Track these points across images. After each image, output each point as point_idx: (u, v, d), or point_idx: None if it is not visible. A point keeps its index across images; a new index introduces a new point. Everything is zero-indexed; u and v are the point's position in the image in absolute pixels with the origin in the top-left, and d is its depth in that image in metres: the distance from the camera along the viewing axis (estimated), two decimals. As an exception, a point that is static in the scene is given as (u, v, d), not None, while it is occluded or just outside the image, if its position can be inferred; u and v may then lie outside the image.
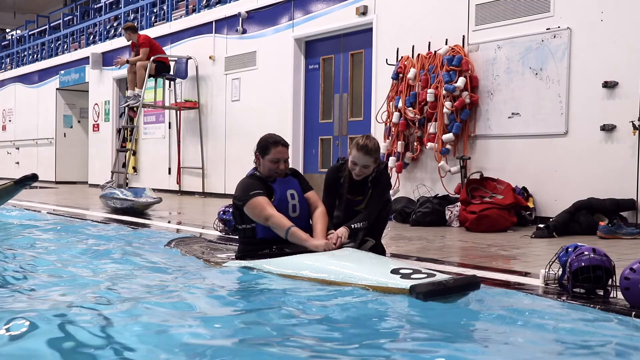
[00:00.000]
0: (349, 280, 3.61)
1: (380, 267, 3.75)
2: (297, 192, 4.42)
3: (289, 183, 4.43)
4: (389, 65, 8.83)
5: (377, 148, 4.45)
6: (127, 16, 16.01)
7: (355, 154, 4.39)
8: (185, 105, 12.85)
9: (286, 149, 4.44)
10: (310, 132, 10.65)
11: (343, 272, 3.71)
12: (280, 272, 3.97)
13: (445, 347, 2.55)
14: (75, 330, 2.74)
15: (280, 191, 4.34)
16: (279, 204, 4.29)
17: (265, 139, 4.45)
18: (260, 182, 4.35)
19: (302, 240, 4.14)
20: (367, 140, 4.41)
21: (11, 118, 20.79)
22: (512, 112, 7.59)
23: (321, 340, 2.67)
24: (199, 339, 2.66)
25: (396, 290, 3.38)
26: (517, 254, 5.27)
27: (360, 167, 4.40)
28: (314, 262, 3.93)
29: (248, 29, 11.67)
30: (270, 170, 4.37)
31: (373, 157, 4.40)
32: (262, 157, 4.39)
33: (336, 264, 3.85)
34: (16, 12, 26.12)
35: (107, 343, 2.61)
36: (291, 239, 4.17)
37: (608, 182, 6.69)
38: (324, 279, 3.74)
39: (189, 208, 10.16)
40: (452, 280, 3.41)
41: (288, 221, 4.20)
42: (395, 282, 3.44)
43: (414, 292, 3.29)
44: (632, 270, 3.16)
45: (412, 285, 3.32)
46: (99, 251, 5.22)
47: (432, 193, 8.10)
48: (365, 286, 3.51)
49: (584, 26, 6.96)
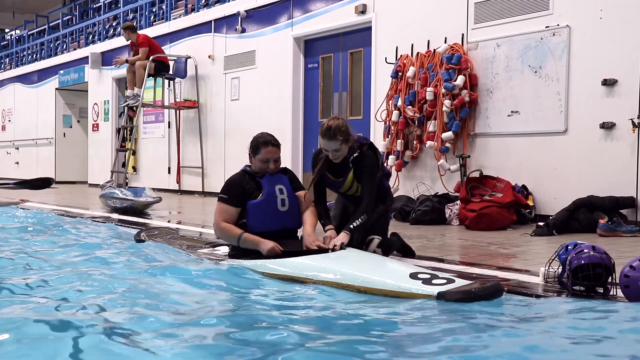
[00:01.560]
0: (369, 285, 3.55)
1: (396, 271, 3.70)
2: (286, 187, 4.46)
3: (277, 179, 4.47)
4: (388, 64, 8.83)
5: (340, 128, 4.30)
6: (126, 16, 16.01)
7: (321, 140, 4.37)
8: (184, 105, 12.85)
9: (276, 149, 4.48)
10: (310, 131, 10.64)
11: (361, 276, 3.64)
12: (287, 274, 3.91)
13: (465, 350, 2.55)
14: (75, 332, 2.73)
15: (268, 186, 4.40)
16: (267, 198, 4.35)
17: (257, 138, 4.51)
18: (249, 178, 4.43)
19: (255, 244, 4.22)
20: (329, 122, 4.33)
21: (11, 118, 20.78)
22: (512, 110, 7.59)
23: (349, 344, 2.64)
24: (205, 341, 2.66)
25: (422, 296, 3.33)
26: (516, 252, 5.27)
27: (332, 152, 4.35)
28: (328, 265, 3.87)
29: (247, 28, 11.66)
30: (261, 169, 4.46)
31: (339, 140, 4.30)
32: (254, 156, 4.48)
33: (351, 267, 3.78)
34: (15, 12, 26.11)
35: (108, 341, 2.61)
36: (244, 245, 4.27)
37: (608, 179, 6.69)
38: (338, 282, 3.65)
39: (188, 207, 10.16)
40: (479, 289, 3.30)
41: (237, 229, 4.29)
42: (418, 287, 3.39)
43: (442, 299, 3.26)
44: (631, 267, 3.17)
45: (440, 292, 3.29)
46: (92, 251, 5.21)
47: (432, 191, 8.10)
48: (388, 291, 3.45)
49: (583, 24, 6.96)
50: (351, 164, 4.45)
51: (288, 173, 4.60)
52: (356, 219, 4.36)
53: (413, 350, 2.54)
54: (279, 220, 4.38)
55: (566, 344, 2.61)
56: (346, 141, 4.34)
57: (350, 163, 4.45)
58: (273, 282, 3.89)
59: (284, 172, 4.57)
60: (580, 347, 2.56)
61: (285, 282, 3.85)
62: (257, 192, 4.37)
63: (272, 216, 4.37)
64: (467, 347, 2.54)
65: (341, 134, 4.30)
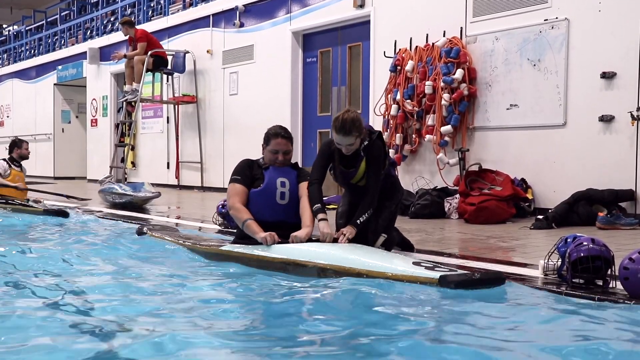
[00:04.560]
0: (373, 269, 3.58)
1: (400, 260, 3.74)
2: (289, 181, 4.46)
3: (283, 172, 4.49)
4: (386, 58, 8.81)
5: (355, 123, 4.23)
6: (124, 10, 15.97)
7: (336, 136, 4.31)
8: (183, 100, 12.83)
9: (286, 141, 4.52)
10: (309, 126, 10.64)
11: (366, 262, 3.68)
12: (290, 260, 3.96)
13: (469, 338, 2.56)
14: (81, 332, 2.74)
15: (269, 177, 4.45)
16: (266, 188, 4.42)
17: (268, 130, 4.62)
18: (256, 166, 4.54)
19: (254, 233, 4.26)
20: (344, 116, 4.24)
21: (9, 114, 20.75)
22: (511, 103, 7.59)
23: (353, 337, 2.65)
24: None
25: (424, 279, 3.38)
26: (516, 245, 5.28)
27: (346, 147, 4.31)
28: (331, 251, 3.92)
29: (245, 22, 11.64)
30: (270, 160, 4.53)
31: (354, 135, 4.24)
32: (265, 147, 4.57)
33: (356, 254, 3.83)
34: (13, 8, 26.00)
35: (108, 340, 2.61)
36: (246, 230, 4.34)
37: (607, 172, 6.69)
38: (343, 267, 3.68)
39: (187, 202, 10.16)
40: (481, 274, 3.54)
41: (247, 214, 4.35)
42: (422, 272, 3.45)
43: (444, 282, 3.31)
44: (631, 260, 3.17)
45: (442, 275, 3.35)
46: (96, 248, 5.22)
47: (431, 185, 8.10)
48: (392, 275, 3.49)
49: (582, 17, 6.95)
50: (362, 153, 4.38)
51: (298, 170, 4.59)
52: (363, 213, 4.31)
53: (407, 342, 2.55)
54: (276, 212, 4.40)
55: (567, 340, 2.62)
56: (360, 135, 4.30)
57: (362, 151, 4.38)
58: (267, 274, 3.91)
59: (294, 168, 4.58)
60: (581, 344, 2.57)
61: (282, 277, 3.85)
62: (259, 181, 4.46)
63: (269, 207, 4.40)
64: (467, 341, 2.55)
65: (356, 130, 4.23)
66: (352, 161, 4.42)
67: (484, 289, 3.35)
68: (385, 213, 4.51)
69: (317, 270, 3.80)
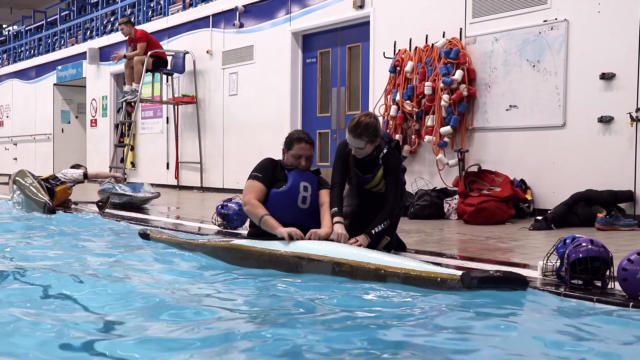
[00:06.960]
0: (392, 265, 3.58)
1: (412, 261, 3.75)
2: (311, 186, 4.45)
3: (306, 176, 4.48)
4: (386, 59, 8.82)
5: (369, 129, 4.23)
6: (124, 11, 15.96)
7: (347, 135, 4.33)
8: (182, 100, 12.83)
9: (309, 146, 4.51)
10: (308, 126, 10.63)
11: (384, 259, 3.69)
12: (304, 254, 3.97)
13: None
14: (81, 332, 2.74)
15: (293, 179, 4.41)
16: (290, 191, 4.37)
17: (291, 135, 4.59)
18: (279, 167, 4.50)
19: (273, 228, 4.21)
20: (360, 119, 4.26)
21: (9, 114, 20.75)
22: (510, 104, 7.59)
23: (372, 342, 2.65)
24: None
25: (447, 276, 3.37)
26: (515, 246, 5.28)
27: (355, 149, 4.32)
28: (347, 249, 3.92)
29: (245, 23, 11.64)
30: (292, 165, 4.51)
31: (364, 140, 4.24)
32: (287, 152, 4.53)
33: (372, 253, 3.85)
34: (13, 8, 26.01)
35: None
36: (264, 226, 4.27)
37: (606, 173, 6.70)
38: (360, 262, 3.69)
39: (187, 203, 10.15)
40: (504, 272, 3.40)
41: (263, 209, 4.30)
42: (442, 269, 3.44)
43: (467, 277, 3.29)
44: (629, 261, 3.17)
45: (465, 272, 3.35)
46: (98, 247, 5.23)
47: (430, 186, 8.11)
48: (411, 271, 3.48)
49: (581, 18, 6.96)
50: (381, 161, 4.40)
51: (319, 175, 4.59)
52: (379, 224, 4.31)
53: (417, 341, 2.56)
54: (295, 215, 4.35)
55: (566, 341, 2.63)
56: (372, 142, 4.29)
57: (381, 160, 4.40)
58: (271, 275, 3.91)
59: (316, 174, 4.57)
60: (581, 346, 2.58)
61: (287, 278, 3.86)
62: (282, 183, 4.41)
63: (290, 210, 4.36)
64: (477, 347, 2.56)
65: (368, 135, 4.23)
66: (370, 167, 4.44)
67: (505, 291, 3.28)
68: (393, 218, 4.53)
69: (332, 265, 3.80)
